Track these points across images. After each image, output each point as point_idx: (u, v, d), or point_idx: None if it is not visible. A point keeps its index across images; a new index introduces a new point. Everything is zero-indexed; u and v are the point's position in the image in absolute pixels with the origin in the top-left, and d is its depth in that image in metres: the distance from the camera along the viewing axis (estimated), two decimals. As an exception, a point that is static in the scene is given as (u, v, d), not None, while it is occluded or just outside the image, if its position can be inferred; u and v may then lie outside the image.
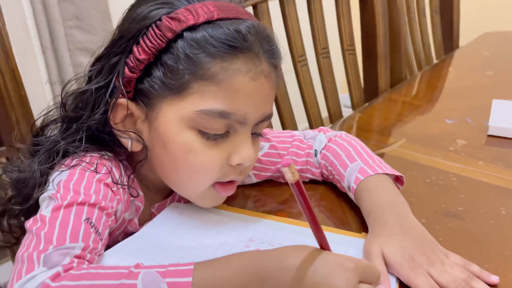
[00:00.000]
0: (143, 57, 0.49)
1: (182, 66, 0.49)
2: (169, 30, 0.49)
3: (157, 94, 0.51)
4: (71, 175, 0.49)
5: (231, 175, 0.54)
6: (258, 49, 0.50)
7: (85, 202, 0.46)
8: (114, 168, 0.53)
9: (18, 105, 0.77)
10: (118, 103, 0.51)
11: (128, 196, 0.55)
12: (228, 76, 0.49)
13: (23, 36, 1.34)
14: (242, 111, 0.50)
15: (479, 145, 0.83)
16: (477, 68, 1.34)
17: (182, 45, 0.49)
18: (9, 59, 0.75)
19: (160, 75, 0.50)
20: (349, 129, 0.96)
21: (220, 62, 0.49)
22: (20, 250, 0.42)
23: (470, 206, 0.63)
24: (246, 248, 0.52)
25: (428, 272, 0.46)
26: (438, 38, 1.62)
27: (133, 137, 0.53)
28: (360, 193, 0.58)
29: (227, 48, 0.48)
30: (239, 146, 0.52)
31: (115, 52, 0.51)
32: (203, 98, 0.49)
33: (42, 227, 0.43)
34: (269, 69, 0.52)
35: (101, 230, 0.47)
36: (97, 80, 0.52)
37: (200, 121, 0.50)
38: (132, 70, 0.50)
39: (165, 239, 0.53)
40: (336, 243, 0.53)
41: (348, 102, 1.24)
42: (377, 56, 1.24)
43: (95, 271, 0.39)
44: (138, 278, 0.38)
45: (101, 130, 0.53)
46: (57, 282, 0.38)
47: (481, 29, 1.75)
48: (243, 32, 0.49)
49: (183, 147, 0.51)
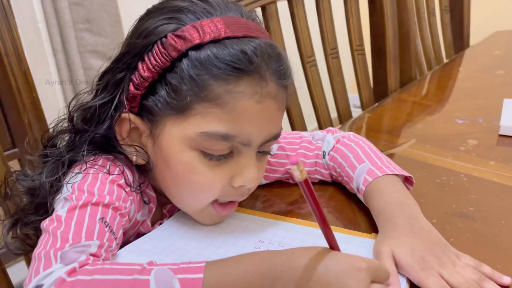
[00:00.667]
0: (147, 75, 0.49)
1: (185, 86, 0.48)
2: (174, 49, 0.48)
3: (161, 112, 0.50)
4: (85, 177, 0.50)
5: (232, 196, 0.54)
6: (265, 71, 0.49)
7: (99, 203, 0.47)
8: (126, 169, 0.53)
9: (31, 107, 0.78)
10: (122, 117, 0.51)
11: (141, 197, 0.56)
12: (232, 99, 0.48)
13: (35, 39, 1.36)
14: (246, 133, 0.49)
15: (490, 145, 0.82)
16: (488, 68, 1.33)
17: (187, 65, 0.48)
18: (21, 62, 0.76)
19: (164, 94, 0.49)
20: (358, 130, 0.96)
21: (224, 84, 0.47)
22: (37, 248, 0.43)
23: (481, 206, 0.62)
24: (256, 249, 0.53)
25: (439, 273, 0.46)
26: (448, 37, 1.61)
27: (138, 151, 0.53)
28: (369, 195, 0.58)
29: (231, 70, 0.47)
30: (242, 168, 0.51)
31: (120, 68, 0.51)
32: (206, 120, 0.48)
33: (58, 226, 0.44)
34: (276, 90, 0.50)
35: (115, 229, 0.47)
36: (103, 95, 0.52)
37: (203, 142, 0.49)
38: (136, 87, 0.50)
39: (175, 240, 0.54)
40: (346, 244, 0.53)
41: (357, 102, 1.24)
42: (386, 56, 1.23)
43: (109, 266, 0.40)
44: (150, 274, 0.39)
45: (107, 143, 0.54)
46: (73, 277, 0.39)
47: (492, 28, 1.73)
48: (248, 53, 0.47)
49: (185, 166, 0.51)
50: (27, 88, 0.77)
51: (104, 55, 1.40)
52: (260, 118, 0.50)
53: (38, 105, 0.79)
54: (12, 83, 0.76)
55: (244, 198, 0.56)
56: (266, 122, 0.51)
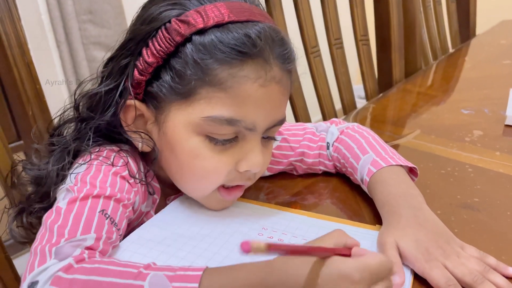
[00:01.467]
0: (152, 60, 0.49)
1: (190, 71, 0.48)
2: (178, 33, 0.48)
3: (165, 98, 0.50)
4: (89, 169, 0.50)
5: (238, 180, 0.54)
6: (269, 54, 0.49)
7: (100, 195, 0.47)
8: (131, 161, 0.53)
9: (34, 99, 0.78)
10: (127, 104, 0.52)
11: (145, 188, 0.56)
12: (236, 83, 0.47)
13: (38, 31, 1.36)
14: (250, 118, 0.49)
15: (496, 136, 0.82)
16: (494, 57, 1.32)
17: (191, 50, 0.48)
18: (25, 54, 0.76)
19: (168, 79, 0.49)
20: (363, 120, 0.95)
21: (228, 68, 0.47)
22: (34, 243, 0.43)
23: (487, 197, 0.62)
24: (259, 236, 0.53)
25: (443, 264, 0.46)
26: (454, 26, 1.59)
27: (143, 138, 0.53)
28: (374, 186, 0.57)
29: (235, 54, 0.47)
30: (248, 152, 0.51)
31: (125, 54, 0.51)
32: (210, 104, 0.48)
33: (56, 219, 0.44)
34: (281, 74, 0.50)
35: (118, 221, 0.47)
36: (108, 82, 0.52)
37: (207, 127, 0.49)
38: (141, 72, 0.50)
39: (178, 226, 0.54)
40: (350, 235, 0.53)
41: (362, 93, 1.23)
42: (391, 46, 1.22)
43: (107, 266, 0.40)
44: (146, 280, 0.38)
45: (112, 131, 0.54)
46: (70, 274, 0.39)
47: (499, 17, 1.71)
48: (252, 37, 0.47)
49: (190, 152, 0.51)
50: (30, 80, 0.77)
51: (107, 46, 1.39)
52: (265, 103, 0.50)
53: (42, 97, 0.79)
54: (16, 75, 0.76)
55: (251, 183, 0.56)
56: (270, 106, 0.51)
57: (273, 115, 0.52)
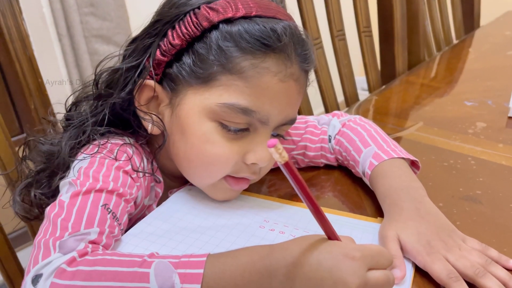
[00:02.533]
0: (176, 43, 0.50)
1: (212, 56, 0.49)
2: (206, 19, 0.49)
3: (184, 81, 0.51)
4: (92, 162, 0.50)
5: (244, 172, 0.54)
6: (291, 51, 0.50)
7: (103, 189, 0.47)
8: (135, 155, 0.53)
9: (36, 93, 0.79)
10: (145, 84, 0.52)
11: (148, 182, 0.56)
12: (257, 73, 0.49)
13: (40, 24, 1.36)
14: (265, 110, 0.50)
15: (500, 128, 0.81)
16: (498, 48, 1.31)
17: (216, 36, 0.49)
18: (26, 47, 0.76)
19: (190, 62, 0.50)
20: (365, 113, 0.95)
21: (251, 58, 0.48)
22: (37, 236, 0.43)
23: (489, 189, 0.62)
24: (261, 228, 0.53)
25: (445, 257, 0.46)
26: (458, 17, 1.58)
27: (154, 119, 0.53)
28: (375, 179, 0.57)
29: (260, 45, 0.48)
30: (256, 145, 0.52)
31: (150, 34, 0.52)
32: (228, 92, 0.49)
33: (60, 213, 0.44)
34: (299, 73, 0.52)
35: (119, 215, 0.48)
36: (130, 59, 0.53)
37: (222, 113, 0.50)
38: (163, 53, 0.51)
39: (180, 219, 0.54)
40: (351, 229, 0.53)
41: (364, 84, 1.22)
42: (394, 37, 1.21)
43: (110, 257, 0.40)
44: (151, 267, 0.39)
45: (125, 110, 0.54)
46: (73, 267, 0.39)
47: (503, 8, 1.69)
48: (278, 32, 0.48)
49: (201, 136, 0.51)
50: (32, 74, 0.78)
51: (109, 39, 1.40)
52: (281, 98, 0.51)
53: (44, 91, 0.79)
54: (18, 69, 0.76)
55: (257, 178, 0.57)
56: (286, 103, 0.52)
57: (287, 111, 0.53)
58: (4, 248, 0.70)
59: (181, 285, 0.37)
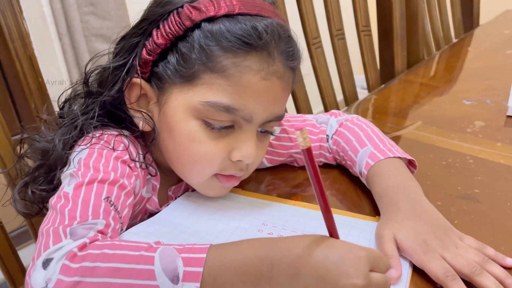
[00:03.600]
0: (160, 42, 0.51)
1: (195, 55, 0.49)
2: (188, 18, 0.49)
3: (169, 79, 0.52)
4: (90, 153, 0.51)
5: (231, 169, 0.55)
6: (273, 49, 0.50)
7: (105, 180, 0.48)
8: (131, 145, 0.54)
9: (37, 92, 0.79)
10: (133, 82, 0.53)
11: (145, 174, 0.57)
12: (238, 72, 0.49)
13: (40, 23, 1.36)
14: (248, 109, 0.50)
15: (498, 127, 0.81)
16: (497, 47, 1.31)
17: (198, 35, 0.49)
18: (27, 46, 0.76)
19: (174, 62, 0.51)
20: (364, 112, 0.95)
21: (232, 57, 0.49)
22: (44, 225, 0.44)
23: (487, 188, 0.62)
24: (259, 232, 0.53)
25: (441, 256, 0.46)
26: (457, 16, 1.58)
27: (144, 117, 0.54)
28: (372, 178, 0.58)
29: (241, 44, 0.48)
30: (241, 142, 0.52)
31: (137, 33, 0.53)
32: (211, 90, 0.50)
33: (66, 204, 0.45)
34: (283, 70, 0.52)
35: (120, 208, 0.48)
36: (117, 58, 0.54)
37: (206, 112, 0.50)
38: (149, 53, 0.52)
39: (179, 224, 0.54)
40: (350, 228, 0.53)
41: (364, 83, 1.23)
42: (393, 36, 1.21)
43: (118, 243, 0.41)
44: (156, 251, 0.39)
45: (116, 107, 0.55)
46: (84, 251, 0.40)
47: (503, 6, 1.70)
48: (259, 29, 0.48)
49: (186, 134, 0.52)
50: (33, 73, 0.78)
51: (109, 38, 1.40)
52: (264, 96, 0.51)
53: (44, 90, 0.79)
54: (18, 68, 0.77)
55: (245, 175, 0.57)
56: (269, 100, 0.52)
57: (272, 109, 0.53)
58: (5, 246, 0.71)
59: (184, 268, 0.38)
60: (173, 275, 0.38)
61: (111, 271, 0.38)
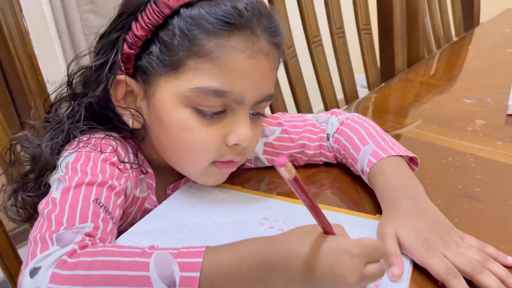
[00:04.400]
0: (141, 34, 0.50)
1: (177, 42, 0.49)
2: (166, 6, 0.49)
3: (154, 71, 0.51)
4: (78, 157, 0.50)
5: (229, 155, 0.54)
6: (256, 26, 0.49)
7: (93, 183, 0.47)
8: (119, 147, 0.54)
9: (36, 90, 0.79)
10: (117, 79, 0.52)
11: (137, 174, 0.56)
12: (224, 53, 0.48)
13: (39, 21, 1.36)
14: (238, 90, 0.50)
15: (498, 125, 0.81)
16: (498, 46, 1.31)
17: (178, 21, 0.49)
18: (26, 44, 0.76)
19: (156, 52, 0.50)
20: (364, 110, 0.95)
21: (215, 39, 0.48)
22: (32, 232, 0.44)
23: (487, 187, 0.62)
24: (260, 226, 0.53)
25: (443, 253, 0.46)
26: (458, 14, 1.58)
27: (133, 114, 0.53)
28: (374, 176, 0.58)
29: (222, 24, 0.48)
30: (236, 125, 0.52)
31: (116, 28, 0.52)
32: (198, 76, 0.49)
33: (53, 209, 0.45)
34: (269, 47, 0.51)
35: (111, 209, 0.48)
36: (98, 57, 0.53)
37: (195, 98, 0.50)
38: (130, 46, 0.51)
39: (180, 217, 0.54)
40: (350, 226, 0.53)
41: (364, 82, 1.22)
42: (393, 35, 1.21)
43: (111, 249, 0.41)
44: (151, 257, 0.39)
45: (103, 107, 0.54)
46: (75, 258, 0.39)
47: (503, 5, 1.69)
48: (239, 8, 0.48)
49: (178, 124, 0.51)
50: (32, 71, 0.78)
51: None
52: (253, 75, 0.50)
53: (44, 88, 0.79)
54: (18, 66, 0.76)
55: (243, 159, 0.57)
56: (259, 79, 0.51)
57: (262, 88, 0.52)
58: (5, 245, 0.71)
59: (180, 274, 0.38)
60: (169, 281, 0.38)
61: (104, 278, 0.38)
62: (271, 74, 0.53)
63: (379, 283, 0.45)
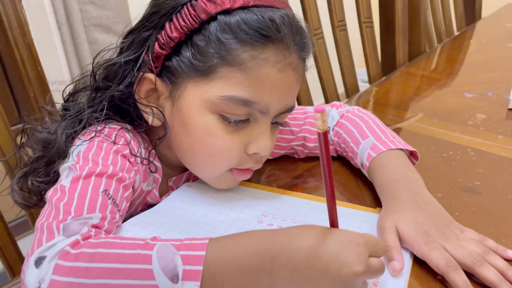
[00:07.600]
0: (175, 35, 0.50)
1: (212, 49, 0.49)
2: (204, 11, 0.49)
3: (183, 74, 0.51)
4: (90, 146, 0.50)
5: (248, 163, 0.55)
6: (290, 41, 0.50)
7: (103, 174, 0.47)
8: (132, 140, 0.53)
9: (36, 81, 0.78)
10: (145, 77, 0.52)
11: (146, 168, 0.56)
12: (256, 65, 0.49)
13: (39, 12, 1.35)
14: (265, 101, 0.50)
15: (499, 119, 0.81)
16: (499, 40, 1.30)
17: (215, 28, 0.49)
18: (26, 36, 0.76)
19: (189, 55, 0.50)
20: (365, 104, 0.95)
21: (250, 50, 0.48)
22: (40, 219, 0.43)
23: (488, 181, 0.62)
24: (259, 223, 0.53)
25: (443, 246, 0.46)
26: (459, 9, 1.57)
27: (155, 112, 0.53)
28: (373, 170, 0.57)
29: (259, 36, 0.48)
30: (258, 135, 0.52)
31: (147, 26, 0.52)
32: (229, 84, 0.49)
33: (62, 197, 0.44)
34: (297, 62, 0.52)
35: (119, 201, 0.48)
36: (128, 53, 0.52)
37: (223, 106, 0.50)
38: (162, 46, 0.51)
39: (179, 215, 0.54)
40: (350, 219, 0.53)
41: (365, 77, 1.22)
42: (395, 28, 1.21)
43: (113, 240, 0.40)
44: (153, 249, 0.39)
45: (124, 101, 0.54)
46: (77, 249, 0.39)
47: (505, 0, 1.69)
48: (277, 22, 0.48)
49: (203, 129, 0.51)
50: (31, 62, 0.77)
51: (109, 28, 1.39)
52: (280, 87, 0.51)
53: (43, 79, 0.79)
54: (17, 57, 0.76)
55: (259, 166, 0.57)
56: (285, 92, 0.52)
57: (286, 100, 0.53)
58: (5, 236, 0.71)
59: (183, 267, 0.38)
60: (172, 274, 0.37)
61: (106, 271, 0.37)
62: (296, 87, 0.54)
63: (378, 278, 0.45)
